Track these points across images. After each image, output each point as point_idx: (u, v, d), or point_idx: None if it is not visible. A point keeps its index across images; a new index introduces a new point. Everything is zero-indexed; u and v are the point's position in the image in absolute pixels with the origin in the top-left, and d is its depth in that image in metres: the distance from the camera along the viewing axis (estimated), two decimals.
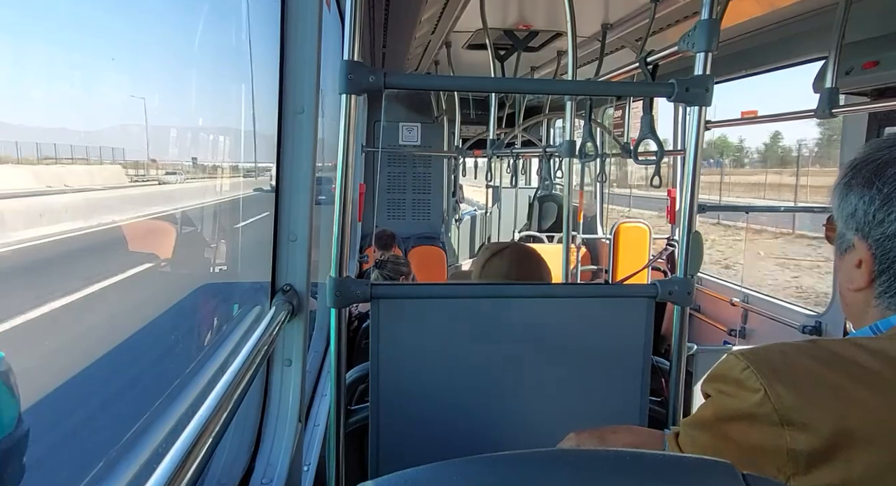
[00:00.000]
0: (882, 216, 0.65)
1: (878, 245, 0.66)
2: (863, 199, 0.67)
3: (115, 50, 1.04)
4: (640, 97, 2.81)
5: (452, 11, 2.52)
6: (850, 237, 0.69)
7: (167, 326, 1.31)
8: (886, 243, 0.65)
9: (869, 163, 0.67)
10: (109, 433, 0.81)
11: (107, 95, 1.09)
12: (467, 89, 3.28)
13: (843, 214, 0.70)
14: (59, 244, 1.01)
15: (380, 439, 1.20)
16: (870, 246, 0.67)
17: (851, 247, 0.69)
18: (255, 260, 1.48)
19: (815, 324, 2.77)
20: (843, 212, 0.70)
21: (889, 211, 0.64)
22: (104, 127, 1.18)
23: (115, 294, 1.17)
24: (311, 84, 1.13)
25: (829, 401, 0.58)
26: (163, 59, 1.22)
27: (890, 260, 0.65)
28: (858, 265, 0.68)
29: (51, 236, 1.00)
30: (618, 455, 0.41)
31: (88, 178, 1.17)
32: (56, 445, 0.78)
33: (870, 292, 0.68)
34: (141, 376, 1.14)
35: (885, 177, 0.65)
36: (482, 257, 1.58)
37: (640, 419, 1.26)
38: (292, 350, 1.23)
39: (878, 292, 0.67)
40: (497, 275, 1.50)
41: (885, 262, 0.66)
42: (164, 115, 1.36)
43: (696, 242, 1.26)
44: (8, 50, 0.81)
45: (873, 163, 0.66)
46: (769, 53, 2.74)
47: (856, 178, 0.68)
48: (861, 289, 0.68)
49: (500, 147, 3.34)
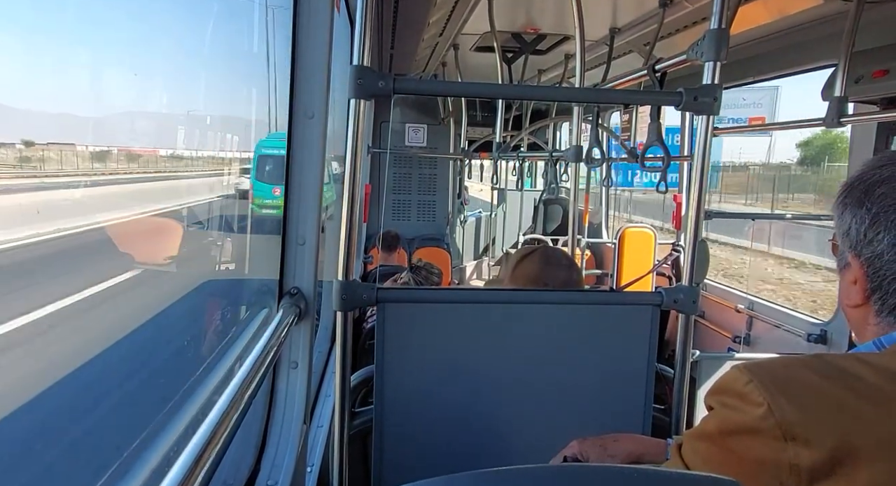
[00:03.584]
0: (872, 235, 0.66)
1: (869, 263, 0.67)
2: (855, 218, 0.68)
3: (127, 55, 1.04)
4: (647, 105, 2.81)
5: (460, 14, 2.52)
6: (846, 255, 0.71)
7: (181, 325, 1.33)
8: (876, 261, 0.67)
9: (861, 182, 0.68)
10: (125, 434, 0.82)
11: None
12: (476, 95, 3.29)
13: (840, 233, 0.71)
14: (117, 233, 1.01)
15: (383, 442, 1.20)
16: (862, 264, 0.68)
17: (847, 265, 0.71)
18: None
19: (821, 332, 2.75)
20: (839, 230, 0.71)
21: (878, 230, 0.66)
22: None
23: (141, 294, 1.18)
24: (321, 89, 1.14)
25: (832, 416, 0.58)
26: (171, 66, 1.23)
27: (880, 278, 0.67)
28: (854, 283, 0.69)
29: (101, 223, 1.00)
30: (625, 472, 0.41)
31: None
32: (72, 447, 0.79)
33: (867, 308, 0.69)
34: (156, 377, 1.16)
35: (875, 196, 0.66)
36: (512, 260, 1.57)
37: (643, 427, 1.26)
38: (299, 353, 1.24)
39: (876, 310, 0.68)
40: (527, 278, 1.49)
41: (876, 280, 0.67)
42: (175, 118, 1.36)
43: (702, 249, 1.26)
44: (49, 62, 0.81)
45: (864, 182, 0.68)
46: (778, 60, 2.73)
47: (849, 197, 0.69)
48: (858, 306, 0.70)
49: (506, 150, 3.35)
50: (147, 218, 1.32)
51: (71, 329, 0.95)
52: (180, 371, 1.18)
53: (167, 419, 0.85)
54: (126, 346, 1.07)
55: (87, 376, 0.88)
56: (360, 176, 1.12)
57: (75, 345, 0.95)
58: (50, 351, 0.88)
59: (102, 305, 1.06)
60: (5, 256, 0.81)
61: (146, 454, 0.73)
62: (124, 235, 1.16)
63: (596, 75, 2.87)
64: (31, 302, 0.85)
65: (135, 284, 1.17)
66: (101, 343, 1.03)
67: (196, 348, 1.33)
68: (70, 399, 0.84)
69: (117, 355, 1.04)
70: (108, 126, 1.08)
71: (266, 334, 0.99)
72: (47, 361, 0.86)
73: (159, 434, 0.80)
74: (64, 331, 0.92)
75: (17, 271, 0.87)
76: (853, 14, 1.78)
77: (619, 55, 3.02)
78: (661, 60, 1.56)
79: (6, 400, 0.70)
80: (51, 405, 0.77)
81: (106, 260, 1.10)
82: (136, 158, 1.28)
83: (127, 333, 1.12)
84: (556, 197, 6.05)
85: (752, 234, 11.81)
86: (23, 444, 0.70)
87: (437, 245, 5.18)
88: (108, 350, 1.01)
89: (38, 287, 0.91)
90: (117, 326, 1.09)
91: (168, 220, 1.41)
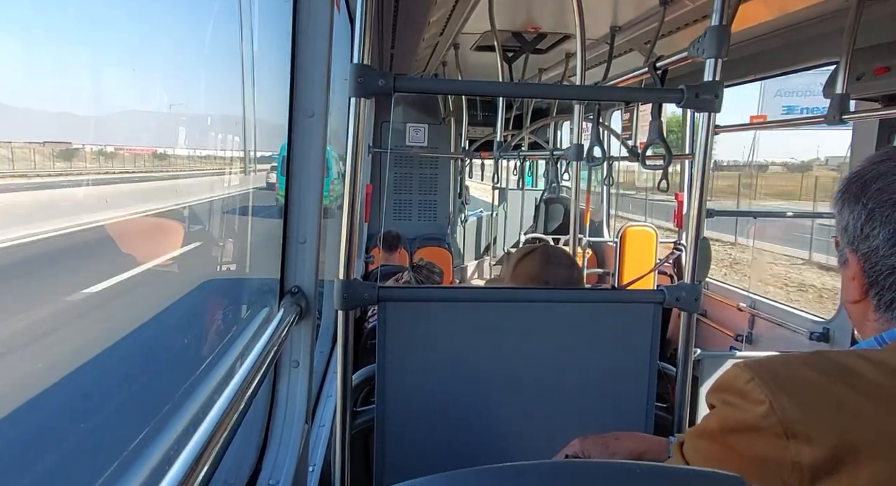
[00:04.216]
0: (868, 231, 0.67)
1: (865, 259, 0.68)
2: (852, 213, 0.68)
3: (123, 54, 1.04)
4: (648, 102, 2.81)
5: (461, 13, 2.52)
6: (844, 251, 0.71)
7: (182, 325, 1.33)
8: (872, 256, 0.67)
9: (859, 178, 0.69)
10: (126, 433, 0.82)
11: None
12: (476, 94, 3.29)
13: (839, 229, 0.72)
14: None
15: (385, 441, 1.20)
16: (859, 260, 0.68)
17: (846, 261, 0.71)
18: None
19: (823, 330, 2.75)
20: (839, 226, 0.72)
21: (873, 226, 0.66)
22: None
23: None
24: (321, 88, 1.14)
25: (834, 414, 0.58)
26: (170, 64, 1.23)
27: (875, 274, 0.67)
28: (853, 279, 0.69)
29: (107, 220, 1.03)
30: (627, 467, 0.41)
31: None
32: (73, 445, 0.79)
33: (867, 304, 0.69)
34: (155, 376, 1.16)
35: (870, 192, 0.67)
36: (513, 259, 1.57)
37: (645, 425, 1.26)
38: (300, 352, 1.24)
39: (874, 305, 0.68)
40: (528, 277, 1.49)
41: (872, 275, 0.67)
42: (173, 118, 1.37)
43: (704, 247, 1.26)
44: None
45: (862, 178, 0.68)
46: (779, 58, 2.72)
47: (847, 193, 0.70)
48: (857, 301, 0.70)
49: (507, 149, 3.34)
50: (216, 200, 1.70)
51: (120, 305, 0.99)
52: (196, 359, 1.19)
53: (168, 418, 0.85)
54: (152, 328, 1.11)
55: (88, 374, 0.88)
56: (361, 175, 1.12)
57: (104, 330, 0.96)
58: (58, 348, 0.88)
59: (152, 282, 1.20)
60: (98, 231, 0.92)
61: (147, 453, 0.73)
62: (201, 212, 1.53)
63: (597, 74, 2.87)
64: (97, 277, 0.90)
65: (200, 253, 1.47)
66: (133, 323, 1.06)
67: (226, 321, 1.50)
68: (72, 397, 0.84)
69: (136, 343, 1.06)
70: (185, 135, 1.37)
71: (267, 332, 0.99)
72: (51, 358, 0.86)
73: (160, 433, 0.80)
74: (101, 314, 0.94)
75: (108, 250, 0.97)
76: (854, 11, 1.78)
77: (619, 54, 3.01)
78: (662, 58, 1.56)
79: (8, 397, 0.71)
80: (52, 403, 0.77)
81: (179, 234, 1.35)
82: (205, 158, 1.62)
83: (157, 313, 1.20)
84: (557, 196, 6.04)
85: (754, 232, 11.95)
86: (23, 442, 0.70)
87: (439, 245, 5.18)
88: (127, 337, 1.03)
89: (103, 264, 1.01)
90: (155, 303, 1.18)
91: (229, 202, 1.79)
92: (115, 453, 0.74)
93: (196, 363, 1.15)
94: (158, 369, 1.19)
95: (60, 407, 0.81)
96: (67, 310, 0.94)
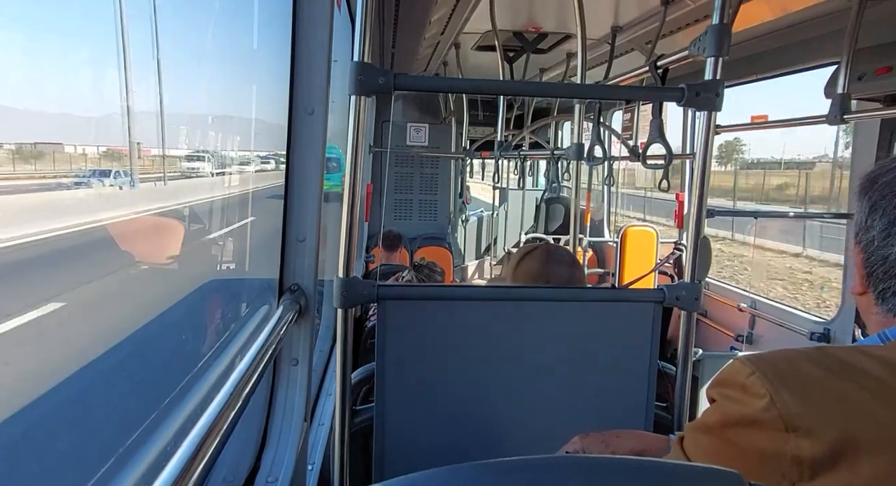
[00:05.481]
0: (870, 222, 0.68)
1: (864, 250, 0.69)
2: (860, 206, 0.70)
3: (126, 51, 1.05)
4: (649, 101, 2.80)
5: (462, 13, 2.52)
6: (851, 244, 0.72)
7: (179, 322, 1.33)
8: (869, 247, 0.68)
9: (872, 174, 0.70)
10: (120, 430, 0.82)
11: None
12: (476, 92, 3.29)
13: (854, 223, 0.72)
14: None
15: (385, 439, 1.20)
16: (861, 251, 0.69)
17: (854, 253, 0.72)
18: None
19: (824, 331, 2.75)
20: (855, 220, 0.72)
21: (874, 217, 0.67)
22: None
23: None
24: (321, 86, 1.14)
25: (835, 408, 0.58)
26: (172, 61, 1.23)
27: (871, 265, 0.68)
28: (857, 270, 0.71)
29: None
30: (626, 463, 0.41)
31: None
32: (67, 443, 0.79)
33: (869, 296, 0.69)
34: (152, 373, 1.16)
35: (877, 185, 0.68)
36: (515, 257, 1.57)
37: (645, 424, 1.25)
38: (299, 350, 1.24)
39: (875, 297, 0.69)
40: (530, 276, 1.48)
41: (870, 266, 0.68)
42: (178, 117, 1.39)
43: (704, 247, 1.25)
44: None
45: (874, 174, 0.70)
46: (780, 57, 2.72)
47: (860, 188, 0.71)
48: (860, 293, 0.71)
49: (507, 149, 3.34)
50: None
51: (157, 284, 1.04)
52: (189, 364, 1.20)
53: (165, 415, 0.85)
54: (183, 308, 1.15)
55: (86, 371, 0.88)
56: (361, 174, 1.12)
57: (79, 339, 0.96)
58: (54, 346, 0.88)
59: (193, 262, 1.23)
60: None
61: (144, 449, 0.73)
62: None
63: (598, 74, 2.86)
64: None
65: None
66: (155, 309, 1.09)
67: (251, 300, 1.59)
68: (70, 394, 0.84)
69: (156, 333, 1.07)
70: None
71: (266, 330, 0.99)
72: (47, 356, 0.86)
73: (157, 430, 0.79)
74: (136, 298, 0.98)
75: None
76: (856, 11, 1.77)
77: (620, 54, 3.01)
78: (663, 57, 1.55)
79: (7, 395, 0.70)
80: (49, 401, 0.77)
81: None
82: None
83: (195, 287, 1.27)
84: (558, 196, 6.04)
85: (755, 231, 12.05)
86: (20, 438, 0.70)
87: (439, 244, 5.18)
88: (148, 325, 1.05)
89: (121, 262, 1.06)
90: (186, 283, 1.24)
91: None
92: (112, 448, 0.74)
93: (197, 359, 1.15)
94: (157, 365, 1.19)
95: (58, 404, 0.80)
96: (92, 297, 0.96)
